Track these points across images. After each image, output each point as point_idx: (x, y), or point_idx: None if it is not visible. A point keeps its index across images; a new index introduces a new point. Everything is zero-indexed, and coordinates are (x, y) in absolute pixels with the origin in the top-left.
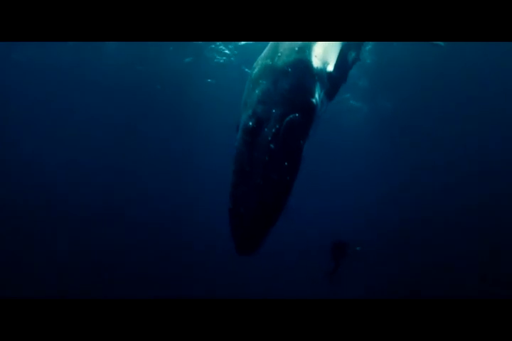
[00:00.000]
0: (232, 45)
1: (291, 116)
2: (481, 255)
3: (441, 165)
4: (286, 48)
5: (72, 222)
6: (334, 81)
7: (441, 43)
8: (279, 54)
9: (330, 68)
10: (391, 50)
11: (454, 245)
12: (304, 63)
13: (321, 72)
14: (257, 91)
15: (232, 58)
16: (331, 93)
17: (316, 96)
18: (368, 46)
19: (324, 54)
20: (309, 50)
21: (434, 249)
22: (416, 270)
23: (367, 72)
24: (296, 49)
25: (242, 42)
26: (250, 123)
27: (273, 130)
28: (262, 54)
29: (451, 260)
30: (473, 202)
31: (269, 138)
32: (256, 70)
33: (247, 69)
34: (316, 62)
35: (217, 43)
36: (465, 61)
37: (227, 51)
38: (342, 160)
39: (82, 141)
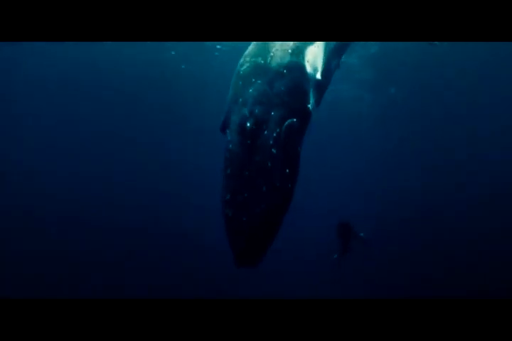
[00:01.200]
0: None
1: (289, 120)
2: (481, 255)
3: (443, 165)
4: (279, 49)
5: (72, 222)
6: (321, 88)
7: (437, 42)
8: (271, 54)
9: (318, 76)
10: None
11: (454, 245)
12: (298, 67)
13: (313, 78)
14: (251, 90)
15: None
16: (318, 100)
17: (311, 102)
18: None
19: (314, 60)
20: (302, 54)
21: (434, 248)
22: (417, 270)
23: (370, 62)
24: (290, 51)
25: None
26: (248, 124)
27: (274, 134)
28: (249, 51)
29: (451, 260)
30: (474, 202)
31: (271, 142)
32: (245, 67)
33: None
34: (308, 68)
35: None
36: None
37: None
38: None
39: (79, 144)
